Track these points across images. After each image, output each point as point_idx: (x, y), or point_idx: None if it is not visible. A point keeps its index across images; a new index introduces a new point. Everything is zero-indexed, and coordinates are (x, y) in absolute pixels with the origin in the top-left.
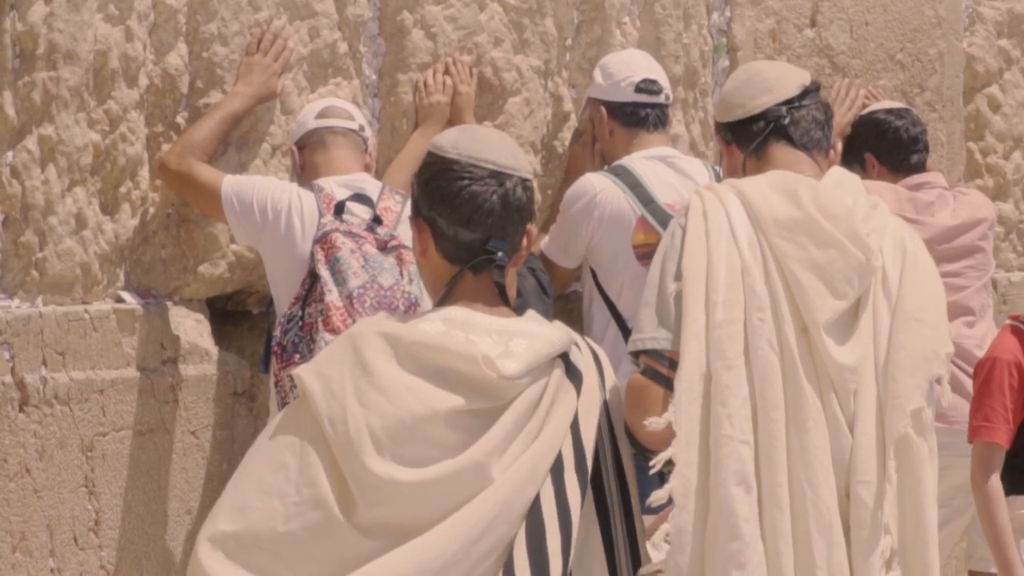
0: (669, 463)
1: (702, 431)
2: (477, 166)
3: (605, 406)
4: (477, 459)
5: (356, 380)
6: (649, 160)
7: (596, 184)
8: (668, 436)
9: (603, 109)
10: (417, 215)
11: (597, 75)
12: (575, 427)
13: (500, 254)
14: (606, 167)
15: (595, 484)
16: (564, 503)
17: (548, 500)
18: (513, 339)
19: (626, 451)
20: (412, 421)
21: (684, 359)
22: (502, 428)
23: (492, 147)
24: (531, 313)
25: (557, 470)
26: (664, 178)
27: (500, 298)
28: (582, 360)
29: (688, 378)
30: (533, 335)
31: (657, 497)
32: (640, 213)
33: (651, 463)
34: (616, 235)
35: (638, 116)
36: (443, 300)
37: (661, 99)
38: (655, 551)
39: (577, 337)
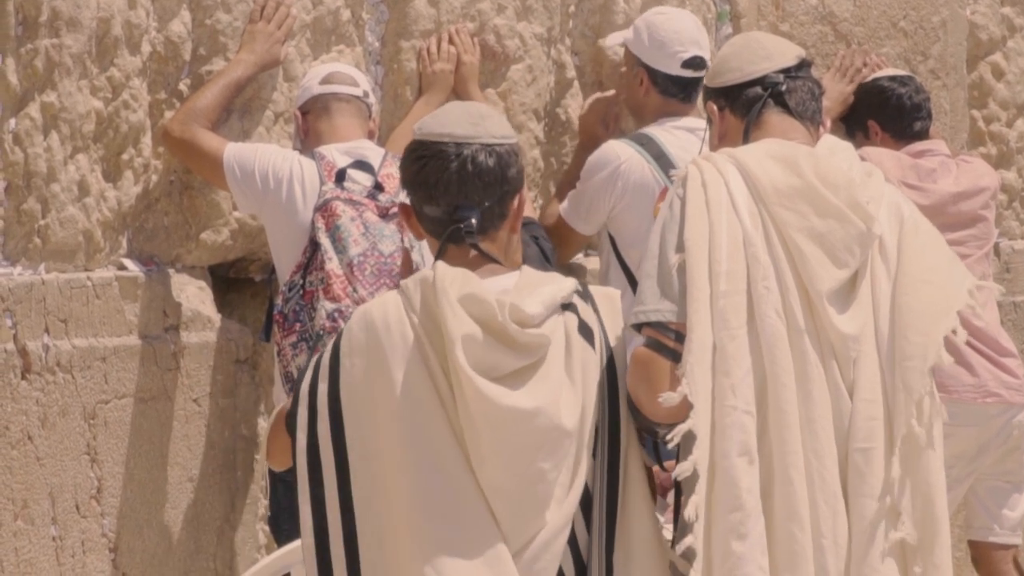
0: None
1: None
2: (435, 142)
3: (610, 362)
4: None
5: None
6: (676, 130)
7: (620, 154)
8: (678, 409)
9: (645, 71)
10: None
11: (644, 35)
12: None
13: (466, 223)
14: (625, 136)
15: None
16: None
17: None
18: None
19: (624, 412)
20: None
21: (693, 331)
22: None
23: (451, 120)
24: (527, 269)
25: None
26: (689, 148)
27: (487, 259)
28: (591, 314)
29: (699, 350)
30: (540, 290)
31: (683, 469)
32: (664, 183)
33: (669, 436)
34: (640, 206)
35: (678, 88)
36: None
37: (702, 74)
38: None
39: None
